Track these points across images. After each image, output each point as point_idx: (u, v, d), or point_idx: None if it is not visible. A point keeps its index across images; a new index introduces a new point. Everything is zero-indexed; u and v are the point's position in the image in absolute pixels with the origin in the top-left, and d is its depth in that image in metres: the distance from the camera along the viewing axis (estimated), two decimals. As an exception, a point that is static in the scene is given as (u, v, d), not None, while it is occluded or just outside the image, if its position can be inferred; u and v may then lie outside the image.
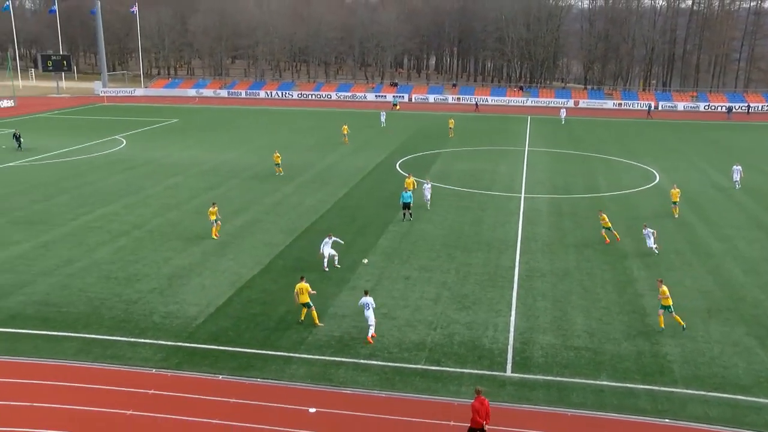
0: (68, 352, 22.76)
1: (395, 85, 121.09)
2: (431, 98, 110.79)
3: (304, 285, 25.15)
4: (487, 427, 17.60)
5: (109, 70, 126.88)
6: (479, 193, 45.62)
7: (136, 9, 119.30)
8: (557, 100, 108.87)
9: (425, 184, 41.63)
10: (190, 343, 23.53)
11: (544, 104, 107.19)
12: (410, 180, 41.07)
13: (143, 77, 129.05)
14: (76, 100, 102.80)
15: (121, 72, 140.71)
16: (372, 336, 23.92)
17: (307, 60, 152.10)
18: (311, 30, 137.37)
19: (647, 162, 58.23)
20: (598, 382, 21.38)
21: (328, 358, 22.65)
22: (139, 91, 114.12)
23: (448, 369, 22.08)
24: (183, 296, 27.53)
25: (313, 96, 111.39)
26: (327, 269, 30.44)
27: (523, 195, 45.41)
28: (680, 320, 24.95)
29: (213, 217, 34.94)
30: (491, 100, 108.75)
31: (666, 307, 24.79)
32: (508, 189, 47.09)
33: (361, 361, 22.48)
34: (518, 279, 30.01)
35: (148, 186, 46.29)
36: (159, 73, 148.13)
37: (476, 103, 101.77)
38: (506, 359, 22.75)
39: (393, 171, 52.75)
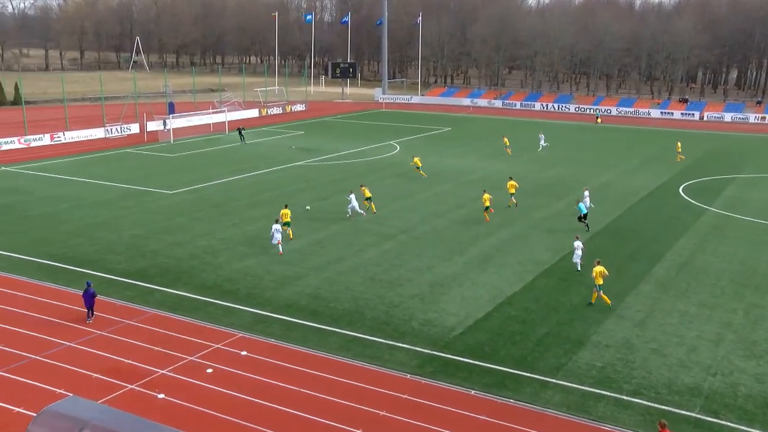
0: (332, 346, 24.59)
1: (685, 100, 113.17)
2: (727, 117, 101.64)
3: (286, 210, 36.40)
4: None
5: (389, 78, 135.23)
6: (780, 227, 40.86)
7: (419, 19, 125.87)
8: None
9: (585, 191, 43.43)
10: (445, 353, 24.12)
11: None
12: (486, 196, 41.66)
13: (420, 85, 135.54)
14: (357, 106, 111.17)
15: (400, 79, 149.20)
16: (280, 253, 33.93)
17: (587, 72, 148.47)
18: (595, 40, 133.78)
19: None
20: None
21: (587, 388, 21.80)
22: (416, 99, 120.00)
23: (729, 424, 20.02)
24: (443, 305, 28.33)
25: (592, 110, 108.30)
26: (350, 214, 40.79)
27: (837, 233, 39.74)
28: (607, 299, 27.88)
29: (367, 195, 42.50)
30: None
31: (599, 286, 27.91)
32: (819, 224, 41.53)
33: (624, 397, 21.29)
34: (825, 331, 26.30)
35: (417, 192, 48.45)
36: (436, 82, 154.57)
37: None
38: (804, 424, 20.04)
39: (675, 195, 49.32)
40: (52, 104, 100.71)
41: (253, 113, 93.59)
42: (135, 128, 76.11)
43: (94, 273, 30.96)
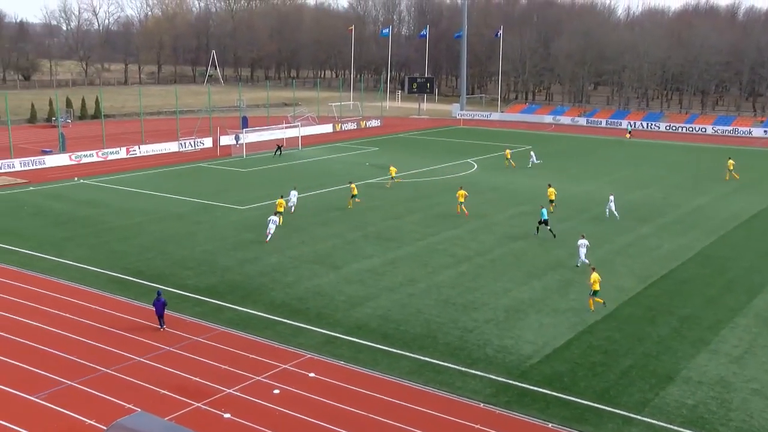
0: (403, 370, 24.58)
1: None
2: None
3: (281, 201, 43.24)
4: None
5: (467, 93, 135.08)
6: None
7: (500, 32, 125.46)
8: None
9: (610, 196, 46.92)
10: (521, 382, 23.79)
11: None
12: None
13: (500, 101, 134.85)
14: (433, 122, 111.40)
15: (479, 95, 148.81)
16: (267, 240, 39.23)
17: (680, 88, 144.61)
18: (690, 54, 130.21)
19: None
20: None
21: (676, 428, 21.09)
22: (495, 116, 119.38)
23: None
24: (519, 332, 27.98)
25: (684, 129, 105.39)
26: (292, 211, 45.67)
27: None
28: (600, 300, 30.10)
29: (355, 192, 48.09)
30: None
31: (595, 292, 29.88)
32: None
33: (717, 439, 20.50)
34: None
35: (494, 213, 48.10)
36: (516, 98, 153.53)
37: None
38: None
39: (777, 220, 47.39)
40: (130, 118, 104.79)
41: (327, 128, 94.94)
42: (208, 142, 78.36)
43: (165, 288, 31.86)
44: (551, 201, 47.81)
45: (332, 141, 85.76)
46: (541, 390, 23.28)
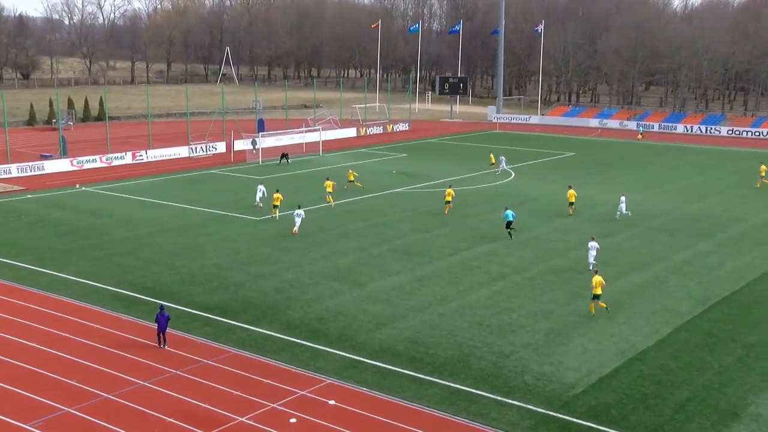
0: (432, 399, 24.46)
1: None
2: None
3: (278, 195, 47.64)
4: None
5: (504, 95, 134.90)
6: None
7: (541, 27, 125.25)
8: None
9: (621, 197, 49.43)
10: (563, 414, 23.56)
11: None
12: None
13: (540, 103, 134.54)
14: (467, 126, 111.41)
15: (517, 97, 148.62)
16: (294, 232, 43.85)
17: (745, 87, 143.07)
18: (757, 49, 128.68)
19: None
20: None
21: (737, 468, 20.70)
22: (535, 119, 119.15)
23: None
24: (560, 357, 27.75)
25: (749, 133, 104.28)
26: (257, 203, 51.58)
27: None
28: (603, 304, 31.65)
29: (329, 190, 52.46)
30: None
31: (596, 296, 31.62)
32: None
33: (785, 481, 20.08)
34: None
35: (533, 225, 47.86)
36: (558, 100, 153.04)
37: None
38: None
39: None
40: (137, 120, 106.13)
41: (351, 132, 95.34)
42: (221, 147, 79.03)
43: (173, 305, 32.06)
44: (571, 204, 50.92)
45: (356, 146, 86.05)
46: (585, 423, 23.02)
